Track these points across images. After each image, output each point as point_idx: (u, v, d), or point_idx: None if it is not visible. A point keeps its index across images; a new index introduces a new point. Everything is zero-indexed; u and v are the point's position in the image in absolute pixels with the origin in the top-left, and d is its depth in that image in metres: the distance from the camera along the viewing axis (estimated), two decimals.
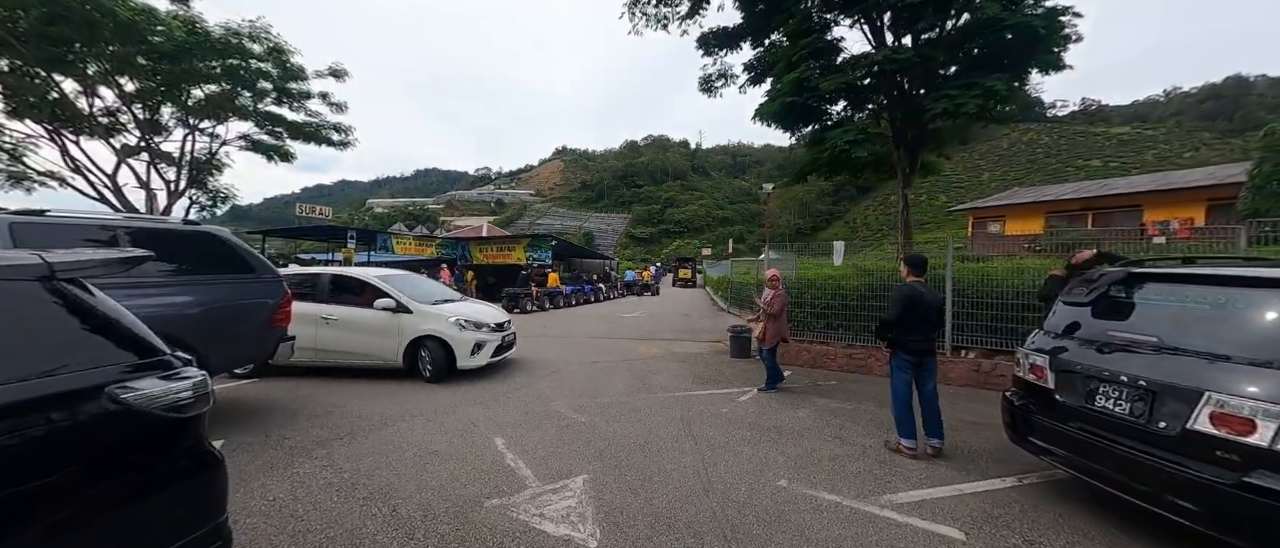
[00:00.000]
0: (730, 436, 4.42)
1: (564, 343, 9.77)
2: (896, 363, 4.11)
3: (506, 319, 7.07)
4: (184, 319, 4.06)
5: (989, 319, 6.24)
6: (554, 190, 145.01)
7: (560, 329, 11.99)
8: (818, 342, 7.60)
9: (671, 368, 7.37)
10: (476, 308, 6.94)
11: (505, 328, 6.86)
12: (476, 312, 6.71)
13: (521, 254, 22.04)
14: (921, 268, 4.26)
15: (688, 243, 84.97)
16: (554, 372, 7.06)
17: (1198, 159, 48.72)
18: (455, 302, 7.03)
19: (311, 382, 6.23)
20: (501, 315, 7.09)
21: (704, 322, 13.46)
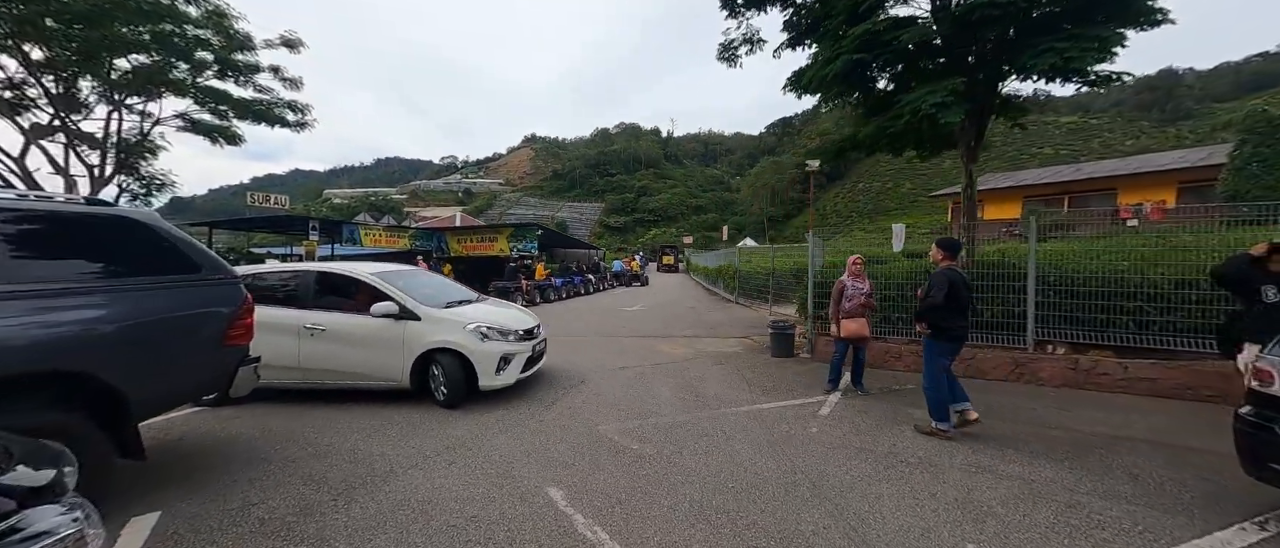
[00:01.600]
0: (849, 471, 3.50)
1: (576, 344, 8.67)
2: (937, 350, 4.12)
3: (536, 324, 5.89)
4: (91, 343, 2.78)
5: (1078, 309, 5.56)
6: (524, 179, 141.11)
7: (563, 326, 10.84)
8: (875, 339, 6.79)
9: (715, 373, 6.41)
10: (500, 312, 5.75)
11: (535, 335, 5.71)
12: (501, 317, 5.51)
13: (505, 245, 20.55)
14: (956, 251, 4.28)
15: (664, 232, 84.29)
16: (581, 381, 5.99)
17: (1138, 147, 51.52)
18: (473, 304, 5.81)
19: (288, 409, 4.94)
20: (529, 319, 5.91)
21: (716, 315, 12.58)
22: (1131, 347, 5.32)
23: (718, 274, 17.92)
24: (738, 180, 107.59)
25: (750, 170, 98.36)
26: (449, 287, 6.27)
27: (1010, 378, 5.72)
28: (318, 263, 5.47)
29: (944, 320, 4.02)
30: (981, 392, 5.28)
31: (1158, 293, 5.22)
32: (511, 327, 5.30)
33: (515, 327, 5.35)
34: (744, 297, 14.33)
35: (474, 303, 5.84)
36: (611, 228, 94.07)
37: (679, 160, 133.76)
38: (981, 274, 6.10)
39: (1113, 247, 5.79)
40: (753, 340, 8.71)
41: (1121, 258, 5.53)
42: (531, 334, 5.56)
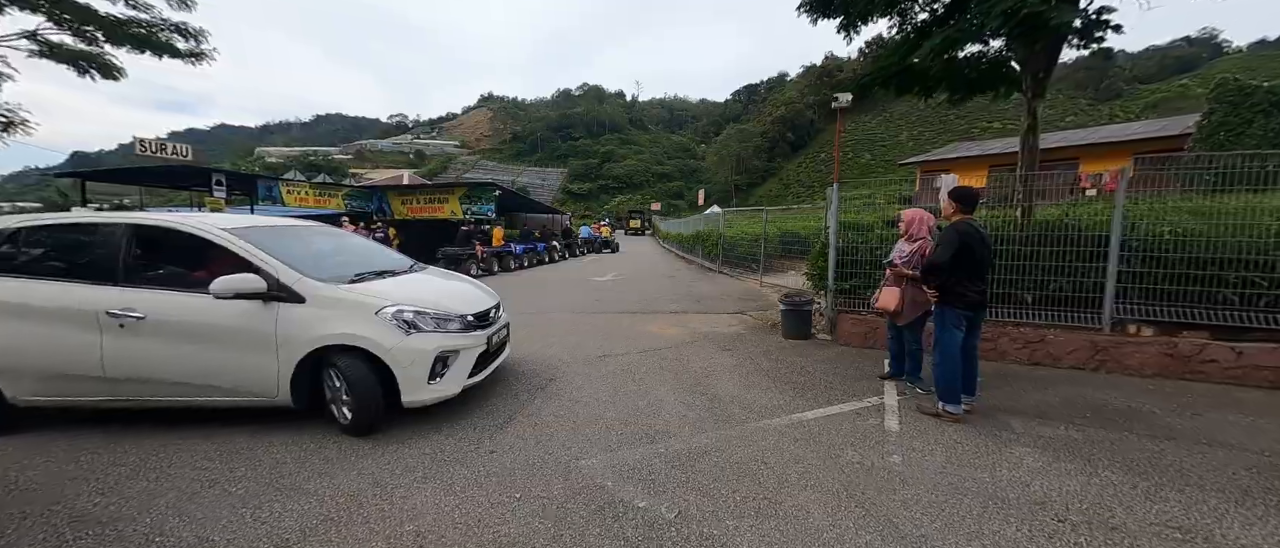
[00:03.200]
0: (991, 540, 2.18)
1: (542, 324, 7.06)
2: (946, 318, 3.53)
3: (493, 304, 4.18)
4: None
5: (1175, 280, 4.49)
6: (481, 141, 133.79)
7: (526, 301, 9.16)
8: None
9: (723, 363, 5.02)
10: (438, 287, 4.01)
11: (491, 320, 3.99)
12: (438, 295, 3.77)
13: (456, 206, 18.23)
14: (972, 204, 3.64)
15: (629, 199, 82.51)
16: (551, 380, 4.45)
17: (1076, 122, 54.19)
18: (400, 276, 4.01)
19: (79, 441, 3.15)
20: (484, 297, 4.20)
21: (701, 285, 11.21)
22: (1232, 326, 4.32)
23: (696, 241, 16.53)
24: (704, 148, 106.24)
25: (716, 138, 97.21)
26: (363, 252, 4.46)
27: (1087, 365, 4.65)
28: (132, 215, 3.49)
29: (953, 284, 3.46)
30: (1073, 384, 4.15)
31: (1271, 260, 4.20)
32: (454, 310, 3.61)
33: (461, 310, 3.66)
34: (729, 266, 13.04)
35: (401, 275, 4.08)
36: (575, 194, 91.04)
37: (645, 125, 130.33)
38: (1039, 239, 4.96)
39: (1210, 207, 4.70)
40: (753, 317, 7.39)
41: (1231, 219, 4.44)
42: (486, 319, 3.89)
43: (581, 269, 15.89)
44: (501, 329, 4.12)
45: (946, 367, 3.48)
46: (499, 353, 4.12)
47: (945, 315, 3.51)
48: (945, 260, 3.38)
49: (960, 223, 3.48)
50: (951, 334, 3.47)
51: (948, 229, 3.50)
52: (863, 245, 5.89)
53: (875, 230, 6.00)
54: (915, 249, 4.04)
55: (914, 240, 4.09)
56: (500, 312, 4.30)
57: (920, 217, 4.12)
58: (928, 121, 74.92)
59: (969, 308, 3.48)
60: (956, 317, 3.47)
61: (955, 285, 3.44)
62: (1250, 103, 17.91)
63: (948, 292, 3.48)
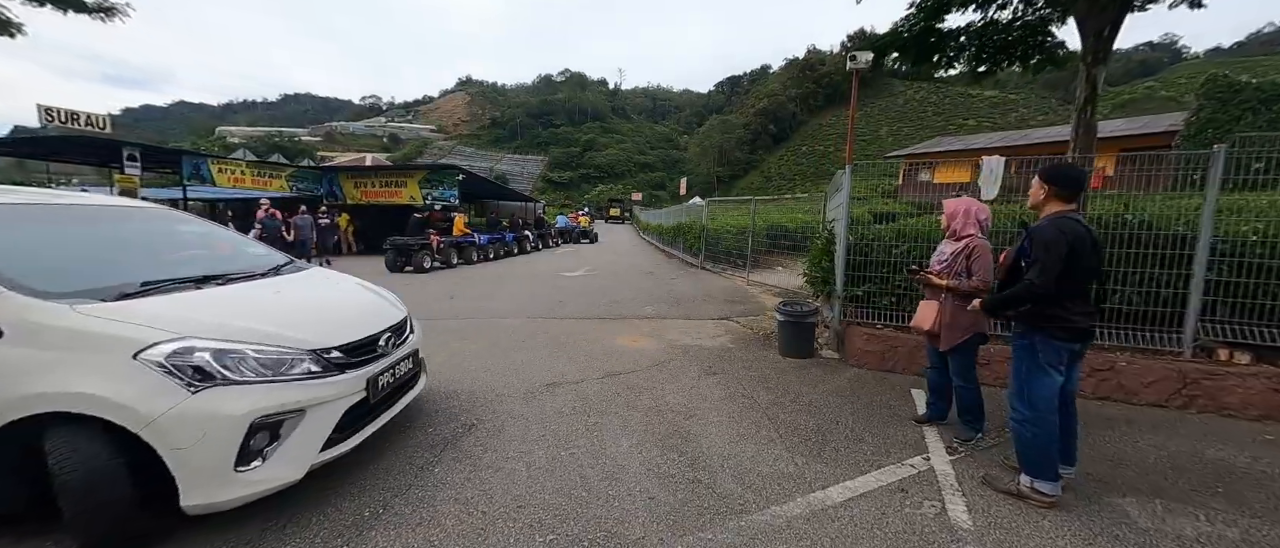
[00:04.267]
0: None
1: (488, 332, 5.79)
2: (1039, 353, 2.37)
3: (389, 325, 2.81)
4: None
5: (1269, 294, 3.51)
6: (459, 127, 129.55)
7: (477, 302, 7.84)
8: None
9: (707, 395, 3.85)
10: (294, 302, 2.67)
11: (381, 351, 2.64)
12: (287, 314, 2.49)
13: (415, 191, 16.62)
14: (1078, 188, 2.44)
15: (610, 188, 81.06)
16: (472, 427, 3.21)
17: (1048, 121, 55.20)
18: (235, 283, 2.65)
19: None
20: (377, 317, 2.83)
21: (682, 283, 10.04)
22: None
23: (677, 233, 15.35)
24: (686, 139, 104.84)
25: (699, 129, 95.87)
26: (199, 247, 3.10)
27: (1171, 402, 3.65)
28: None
29: (1054, 303, 2.32)
30: (1167, 432, 3.12)
31: None
32: (304, 341, 2.26)
33: (320, 340, 2.33)
34: (712, 261, 11.91)
35: (245, 281, 2.72)
36: (556, 183, 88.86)
37: (627, 114, 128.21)
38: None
39: None
40: (742, 325, 6.26)
41: None
42: (370, 351, 2.58)
43: (552, 262, 14.56)
44: (403, 362, 2.83)
45: (1038, 426, 2.39)
46: (400, 395, 2.83)
47: (1037, 350, 2.40)
48: (1050, 280, 2.25)
49: (1062, 219, 2.34)
50: (1045, 378, 2.39)
51: (1045, 227, 2.34)
52: (877, 242, 4.79)
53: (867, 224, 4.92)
54: (959, 251, 2.93)
55: (959, 239, 2.97)
56: (407, 334, 3.01)
57: (966, 208, 2.99)
58: (907, 117, 75.63)
59: (1074, 338, 2.37)
60: (1056, 351, 2.37)
61: (1054, 307, 2.33)
62: (1239, 99, 17.62)
63: (1042, 316, 2.37)
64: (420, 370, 3.17)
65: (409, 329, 3.08)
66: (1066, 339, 2.36)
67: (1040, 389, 2.39)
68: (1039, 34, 5.54)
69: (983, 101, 73.87)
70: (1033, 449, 2.43)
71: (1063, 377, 2.41)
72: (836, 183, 5.54)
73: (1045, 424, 2.39)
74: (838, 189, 5.44)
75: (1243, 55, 76.85)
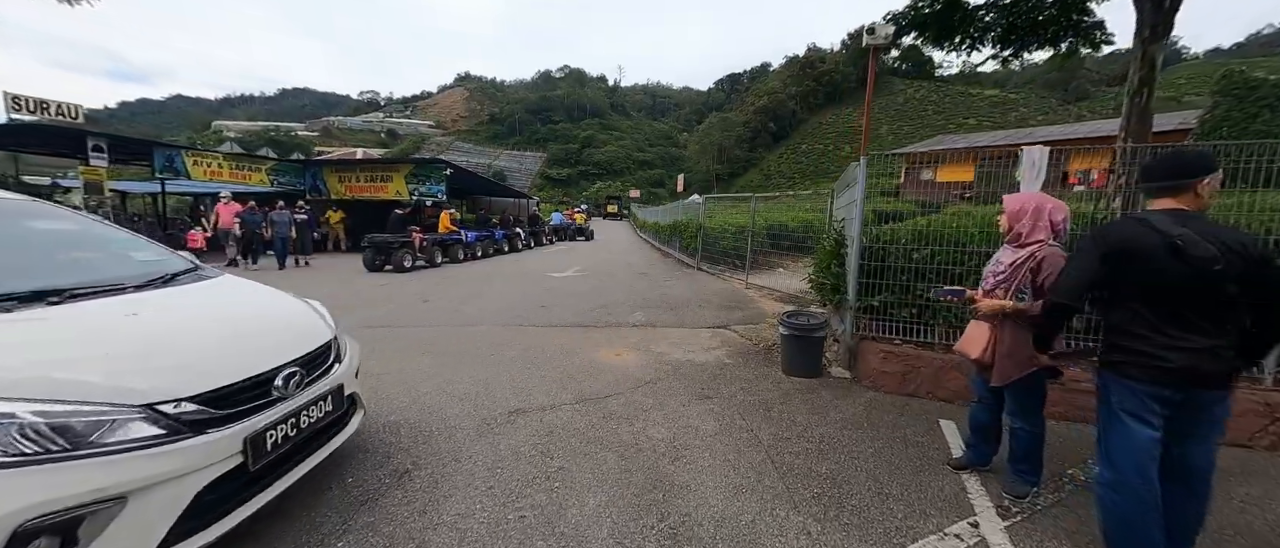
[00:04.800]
0: None
1: (455, 342, 5.16)
2: (1114, 397, 1.82)
3: (309, 352, 2.21)
4: None
5: None
6: (457, 122, 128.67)
7: (455, 304, 7.22)
8: None
9: (698, 429, 3.23)
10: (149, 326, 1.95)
11: (277, 395, 1.96)
12: (136, 343, 1.80)
13: (402, 186, 15.96)
14: (1188, 175, 1.78)
15: (609, 185, 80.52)
16: (406, 473, 2.59)
17: (1048, 121, 54.89)
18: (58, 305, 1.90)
19: None
20: (289, 344, 2.18)
21: (676, 285, 9.41)
22: None
23: (673, 232, 14.72)
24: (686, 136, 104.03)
25: (698, 127, 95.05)
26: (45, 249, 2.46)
27: (1257, 441, 3.04)
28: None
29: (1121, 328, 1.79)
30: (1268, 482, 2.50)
31: None
32: (136, 393, 1.59)
33: (168, 389, 1.65)
34: (709, 262, 11.28)
35: (86, 299, 2.03)
36: (554, 180, 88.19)
37: (626, 111, 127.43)
38: None
39: None
40: (740, 335, 5.64)
41: None
42: (264, 393, 1.93)
43: (543, 261, 13.92)
44: (316, 404, 2.17)
45: (1119, 493, 1.81)
46: (311, 448, 2.18)
47: (1110, 392, 1.84)
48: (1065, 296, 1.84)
49: (1123, 220, 1.90)
50: (1123, 429, 1.80)
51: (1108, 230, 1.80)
52: (896, 246, 4.17)
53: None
54: (1022, 261, 2.31)
55: (1023, 245, 2.35)
56: (329, 365, 2.35)
57: (1037, 206, 2.36)
58: (906, 116, 75.15)
59: (1162, 381, 1.72)
60: (1132, 396, 1.78)
61: (1119, 336, 1.80)
62: (1256, 96, 17.04)
63: (1110, 347, 1.84)
64: (352, 410, 2.51)
65: (333, 358, 2.41)
66: (1146, 381, 1.74)
67: (1118, 443, 1.82)
68: (1075, 11, 4.92)
69: (983, 100, 73.40)
70: (1115, 524, 1.84)
71: (1155, 430, 1.79)
72: (848, 177, 4.92)
73: (1129, 491, 1.79)
74: (849, 185, 4.82)
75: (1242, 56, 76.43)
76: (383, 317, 6.32)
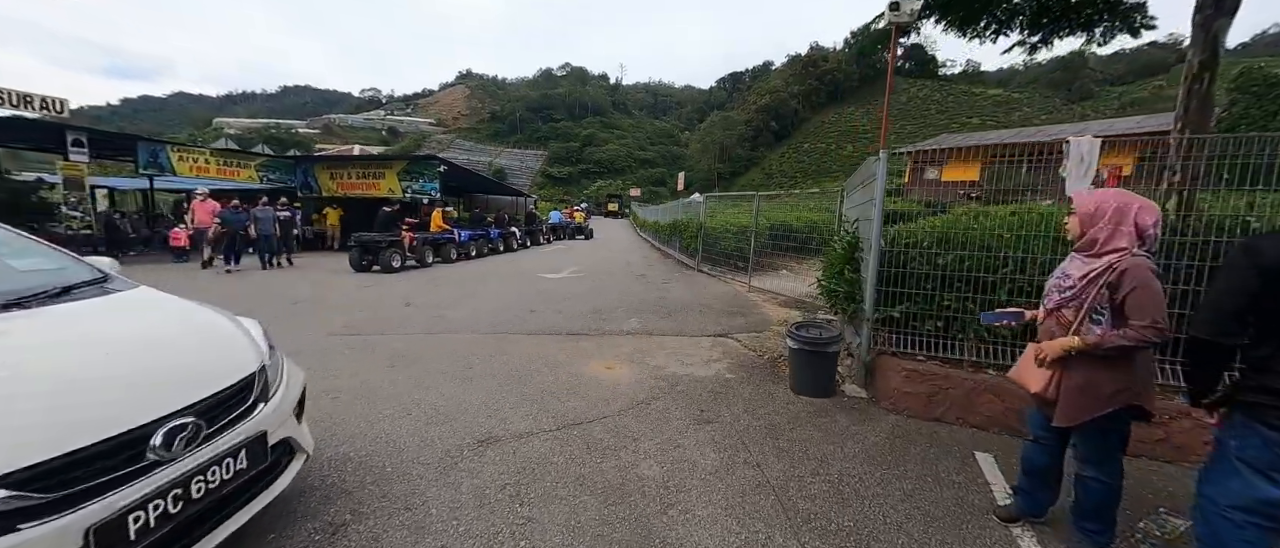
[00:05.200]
0: None
1: (431, 352, 4.72)
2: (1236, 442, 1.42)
3: (215, 393, 1.72)
4: None
5: None
6: (459, 120, 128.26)
7: (438, 310, 6.78)
8: None
9: (696, 463, 2.79)
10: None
11: (162, 454, 1.48)
12: None
13: (394, 183, 15.52)
14: None
15: (610, 184, 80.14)
16: (348, 522, 2.15)
17: (1052, 120, 54.38)
18: None
19: None
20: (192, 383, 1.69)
21: (676, 288, 8.96)
22: None
23: (672, 231, 14.27)
24: (687, 135, 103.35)
25: (700, 125, 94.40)
26: None
27: None
28: None
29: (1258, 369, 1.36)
30: None
31: None
32: None
33: None
34: (710, 263, 10.83)
35: None
36: (555, 178, 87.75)
37: (628, 110, 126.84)
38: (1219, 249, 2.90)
39: None
40: (743, 345, 5.18)
41: None
42: (136, 457, 1.46)
43: (539, 261, 13.48)
44: (222, 463, 1.66)
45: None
46: (214, 522, 1.67)
47: (1234, 438, 1.45)
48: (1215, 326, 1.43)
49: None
50: (1235, 482, 1.42)
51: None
52: (922, 251, 3.72)
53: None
54: (1098, 274, 1.86)
55: (1099, 254, 1.90)
56: (250, 408, 1.85)
57: (1120, 206, 1.87)
58: (910, 115, 74.65)
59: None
60: (1266, 447, 1.37)
61: (1267, 375, 1.38)
62: (1276, 93, 16.53)
63: (1249, 385, 1.43)
64: (285, 459, 2.01)
65: (255, 397, 1.89)
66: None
67: (1230, 500, 1.41)
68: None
69: (986, 100, 72.77)
70: None
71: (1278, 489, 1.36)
72: (864, 174, 4.46)
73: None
74: (865, 182, 4.36)
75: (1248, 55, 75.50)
76: (359, 322, 5.88)
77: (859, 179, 4.85)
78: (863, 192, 4.44)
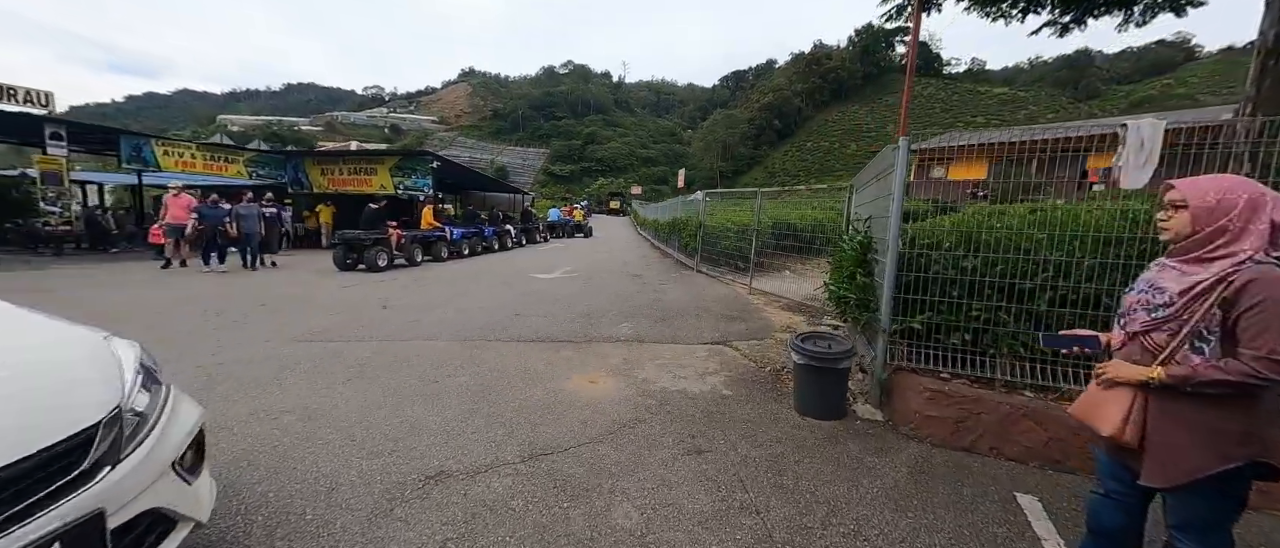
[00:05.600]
0: None
1: (401, 363, 4.27)
2: None
3: (21, 460, 1.21)
4: None
5: None
6: (461, 118, 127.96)
7: (415, 313, 6.34)
8: None
9: (685, 504, 2.33)
10: None
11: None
12: None
13: (386, 179, 15.10)
14: None
15: (611, 182, 79.73)
16: None
17: (1059, 118, 53.56)
18: None
19: None
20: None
21: (673, 289, 8.49)
22: None
23: (671, 230, 13.80)
24: (690, 133, 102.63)
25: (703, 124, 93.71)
26: None
27: None
28: None
29: None
30: None
31: None
32: None
33: None
34: (709, 263, 10.36)
35: None
36: (557, 176, 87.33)
37: (630, 108, 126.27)
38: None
39: None
40: (743, 354, 4.72)
41: None
42: None
43: (533, 260, 13.04)
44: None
45: None
46: None
47: None
48: None
49: None
50: None
51: None
52: (938, 252, 3.26)
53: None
54: (1207, 289, 1.38)
55: (1210, 258, 1.42)
56: (68, 480, 1.30)
57: (1254, 199, 1.36)
58: (914, 114, 73.85)
59: None
60: None
61: None
62: None
63: None
64: (151, 541, 1.52)
65: (97, 459, 1.39)
66: None
67: None
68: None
69: (991, 98, 71.91)
70: None
71: None
72: (880, 164, 3.99)
73: None
74: (880, 175, 3.90)
75: None
76: (328, 327, 5.44)
77: (872, 172, 4.38)
78: (877, 186, 3.97)
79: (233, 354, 4.37)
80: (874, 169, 4.27)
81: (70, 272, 9.23)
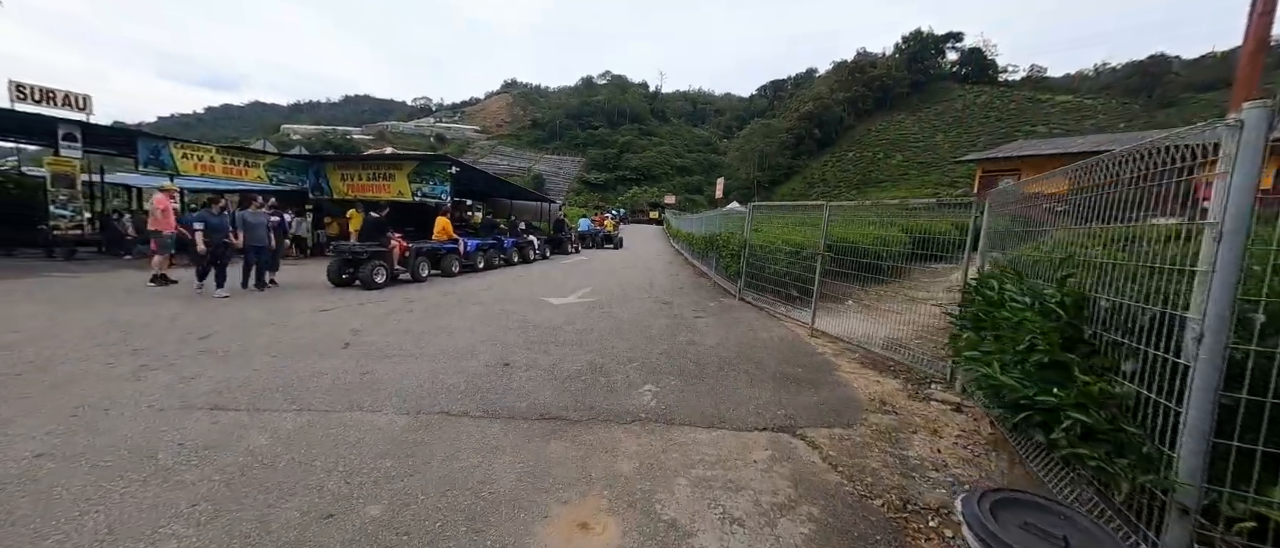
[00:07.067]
0: None
1: (300, 461, 2.83)
2: None
3: None
4: None
5: None
6: (501, 127, 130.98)
7: (376, 360, 4.96)
8: None
9: None
10: None
11: None
12: None
13: (404, 185, 14.19)
14: None
15: (646, 191, 78.64)
16: None
17: (1132, 128, 47.95)
18: None
19: None
20: None
21: (708, 329, 6.77)
22: None
23: (709, 246, 12.11)
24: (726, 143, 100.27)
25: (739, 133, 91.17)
26: None
27: None
28: None
29: None
30: None
31: None
32: None
33: None
34: (754, 290, 8.60)
35: None
36: (592, 185, 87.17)
37: (666, 117, 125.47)
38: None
39: None
40: (820, 453, 3.01)
41: None
42: None
43: (552, 277, 11.64)
44: None
45: None
46: None
47: None
48: None
49: None
50: None
51: None
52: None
53: None
54: None
55: None
56: None
57: None
58: (964, 125, 69.06)
59: None
60: None
61: None
62: None
63: None
64: None
65: None
66: None
67: None
68: None
69: (1054, 107, 66.08)
70: None
71: None
72: (1177, 143, 2.26)
73: None
74: (1166, 166, 2.16)
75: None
76: (247, 381, 4.08)
77: (1137, 168, 2.61)
78: (1137, 188, 2.21)
79: (87, 432, 3.06)
80: (1141, 164, 2.50)
81: (46, 279, 8.55)
